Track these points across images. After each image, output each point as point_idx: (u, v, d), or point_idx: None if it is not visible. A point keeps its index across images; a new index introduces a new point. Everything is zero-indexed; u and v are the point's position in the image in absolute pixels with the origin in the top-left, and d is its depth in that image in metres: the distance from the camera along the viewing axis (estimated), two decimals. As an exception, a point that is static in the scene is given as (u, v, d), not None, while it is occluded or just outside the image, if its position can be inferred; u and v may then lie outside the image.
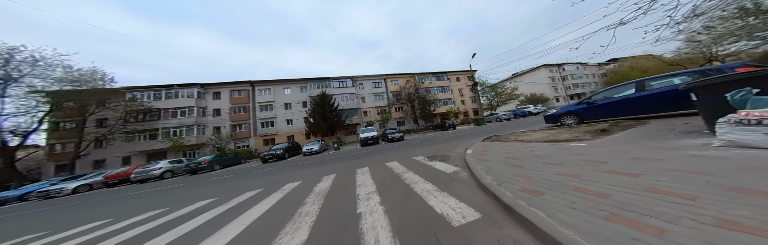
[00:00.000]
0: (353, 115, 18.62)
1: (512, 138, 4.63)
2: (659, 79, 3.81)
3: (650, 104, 3.85)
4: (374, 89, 20.82)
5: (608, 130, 3.51)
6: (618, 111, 4.34)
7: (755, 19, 3.27)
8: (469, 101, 23.98)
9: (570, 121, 5.17)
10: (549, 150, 2.74)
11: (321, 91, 15.86)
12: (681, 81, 3.56)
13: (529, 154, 2.73)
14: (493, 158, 2.92)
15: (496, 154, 3.15)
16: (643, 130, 3.09)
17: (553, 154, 2.47)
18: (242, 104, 17.06)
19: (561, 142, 3.20)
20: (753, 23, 3.28)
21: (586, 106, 4.78)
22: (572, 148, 2.63)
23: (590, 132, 3.58)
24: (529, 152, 2.89)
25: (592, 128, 3.96)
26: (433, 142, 7.18)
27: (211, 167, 9.36)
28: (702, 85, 2.11)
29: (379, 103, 20.48)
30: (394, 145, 8.60)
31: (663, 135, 2.58)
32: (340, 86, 18.65)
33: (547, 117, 5.74)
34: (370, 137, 11.03)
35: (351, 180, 3.04)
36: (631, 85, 4.10)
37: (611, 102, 4.36)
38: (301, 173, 4.75)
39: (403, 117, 20.66)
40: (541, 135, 4.25)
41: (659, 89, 3.70)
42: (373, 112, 20.29)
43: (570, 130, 4.16)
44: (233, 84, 17.07)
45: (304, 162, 7.23)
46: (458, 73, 23.93)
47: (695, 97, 2.32)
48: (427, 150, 5.09)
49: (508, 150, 3.30)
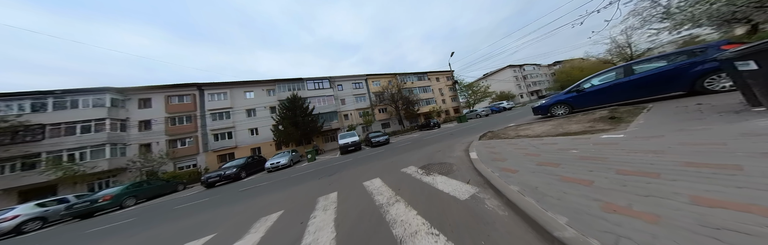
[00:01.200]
0: (332, 120, 16.79)
1: (512, 133, 3.93)
2: (644, 63, 3.60)
3: (640, 88, 3.66)
4: (355, 90, 19.46)
5: (618, 117, 3.01)
6: (609, 97, 4.08)
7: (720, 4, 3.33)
8: (449, 100, 24.67)
9: (561, 111, 4.82)
10: (584, 147, 2.00)
11: (291, 94, 13.74)
12: (668, 62, 3.36)
13: (565, 155, 1.91)
14: (516, 164, 2.00)
15: (515, 157, 2.24)
16: (662, 115, 2.64)
17: (600, 153, 1.71)
18: (185, 113, 13.28)
19: (583, 135, 2.51)
20: (717, 7, 3.34)
21: (576, 94, 4.45)
22: (614, 142, 1.92)
23: (601, 121, 3.04)
24: (557, 151, 2.08)
25: (594, 116, 3.51)
26: (423, 144, 6.24)
27: (120, 203, 6.47)
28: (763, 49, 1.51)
29: (360, 105, 19.14)
30: (379, 151, 7.38)
31: (702, 118, 2.05)
32: (315, 88, 16.73)
33: (536, 108, 5.36)
34: (350, 143, 9.57)
35: (298, 231, 1.68)
36: (619, 70, 3.84)
37: (601, 88, 4.09)
38: (238, 208, 3.13)
39: (388, 118, 19.70)
40: (544, 128, 3.62)
41: (647, 73, 3.51)
42: (354, 115, 18.79)
43: (571, 121, 3.64)
44: (170, 87, 13.04)
45: (260, 184, 5.40)
46: (437, 73, 24.59)
47: (756, 65, 1.71)
48: (418, 156, 4.04)
49: (525, 150, 2.45)
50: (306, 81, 16.49)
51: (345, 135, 10.60)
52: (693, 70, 3.13)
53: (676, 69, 3.26)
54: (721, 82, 3.00)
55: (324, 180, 3.89)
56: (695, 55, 3.16)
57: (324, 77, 17.10)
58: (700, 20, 4.18)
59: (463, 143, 4.48)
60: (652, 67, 3.51)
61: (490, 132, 4.81)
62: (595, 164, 1.52)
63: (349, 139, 9.87)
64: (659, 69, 3.41)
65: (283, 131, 12.42)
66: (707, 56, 3.03)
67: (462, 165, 2.67)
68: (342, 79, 19.02)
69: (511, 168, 1.93)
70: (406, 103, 18.12)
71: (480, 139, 4.12)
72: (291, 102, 13.21)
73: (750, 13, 3.92)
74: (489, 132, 4.83)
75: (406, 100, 18.07)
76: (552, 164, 1.75)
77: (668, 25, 5.76)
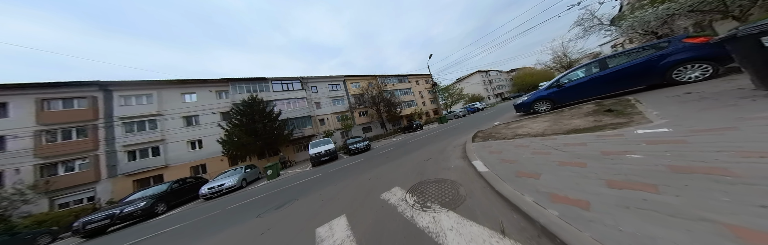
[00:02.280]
0: (305, 125, 14.67)
1: (507, 132, 3.40)
2: (617, 57, 3.60)
3: (615, 82, 3.64)
4: (332, 92, 17.77)
5: (618, 110, 2.70)
6: (588, 91, 4.04)
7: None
8: (428, 102, 25.32)
9: (543, 108, 4.67)
10: (638, 148, 1.36)
11: (250, 96, 11.28)
12: (638, 56, 3.44)
13: (630, 162, 1.24)
14: (561, 181, 1.27)
15: (545, 167, 1.56)
16: (669, 104, 2.36)
17: (688, 157, 1.06)
18: (77, 123, 9.12)
19: (602, 131, 2.04)
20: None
21: (557, 89, 4.31)
22: (678, 140, 1.33)
23: (601, 115, 2.71)
24: (604, 156, 1.43)
25: (585, 110, 3.25)
26: (409, 149, 5.37)
27: None
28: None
29: (338, 108, 17.51)
30: (357, 160, 6.19)
31: (735, 104, 1.71)
32: (283, 89, 14.40)
33: (519, 105, 5.16)
34: (323, 152, 8.04)
35: None
36: (594, 64, 3.82)
37: (580, 83, 4.03)
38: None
39: (369, 122, 18.56)
40: (540, 125, 3.19)
41: (621, 66, 3.49)
42: (332, 120, 17.02)
43: (563, 116, 3.33)
44: (48, 87, 8.88)
45: (166, 230, 3.49)
46: (417, 76, 25.20)
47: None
48: (405, 169, 3.10)
49: (548, 154, 1.81)
50: (271, 81, 14.10)
51: (317, 143, 8.98)
52: (663, 63, 3.13)
53: (647, 62, 3.27)
54: (688, 73, 3.04)
55: (262, 220, 2.48)
56: (662, 48, 3.20)
57: (294, 77, 15.02)
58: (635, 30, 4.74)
59: (456, 146, 3.76)
60: (624, 60, 3.51)
61: (480, 132, 4.25)
62: (724, 183, 0.78)
63: (322, 148, 8.33)
64: (631, 62, 3.41)
65: (235, 142, 9.88)
66: (672, 49, 3.07)
67: (470, 183, 1.80)
68: (316, 80, 17.22)
69: (561, 191, 1.11)
70: (388, 105, 17.43)
71: (474, 141, 3.46)
72: (248, 106, 10.82)
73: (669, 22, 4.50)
74: (479, 132, 4.26)
75: (387, 102, 17.40)
76: (634, 184, 0.99)
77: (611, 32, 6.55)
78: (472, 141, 3.55)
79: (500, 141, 2.97)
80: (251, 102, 10.91)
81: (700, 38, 2.96)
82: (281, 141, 11.40)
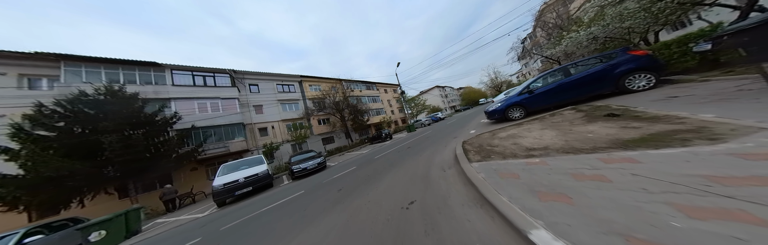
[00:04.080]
0: (235, 137, 10.34)
1: (508, 145, 2.47)
2: (578, 65, 3.66)
3: (578, 88, 3.66)
4: (282, 94, 14.18)
5: (619, 115, 2.21)
6: (556, 97, 4.01)
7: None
8: (397, 111, 25.53)
9: (517, 114, 4.36)
10: None
11: (104, 85, 6.31)
12: (597, 61, 3.53)
13: None
14: None
15: None
16: (709, 105, 1.89)
17: None
18: None
19: (672, 146, 1.09)
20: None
21: (529, 95, 4.07)
22: None
23: (606, 121, 2.11)
24: None
25: (575, 115, 2.80)
26: (376, 171, 3.75)
27: None
28: None
29: (290, 115, 13.97)
30: (294, 193, 3.98)
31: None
32: (196, 84, 9.74)
33: (492, 112, 4.78)
34: (242, 181, 5.02)
35: None
36: (560, 72, 3.84)
37: (549, 89, 3.96)
38: None
39: (331, 131, 15.76)
40: (548, 134, 2.45)
41: (584, 73, 3.55)
42: (280, 128, 13.19)
43: (560, 122, 2.79)
44: None
45: None
46: (385, 85, 25.34)
47: None
48: (372, 231, 1.37)
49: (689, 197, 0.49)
50: (171, 70, 9.31)
51: (234, 166, 5.83)
52: (616, 71, 3.21)
53: (603, 70, 3.34)
54: (637, 82, 3.18)
55: None
56: (611, 58, 3.34)
57: (218, 69, 10.88)
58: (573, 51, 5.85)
59: (444, 167, 2.46)
60: (583, 69, 3.59)
61: (467, 144, 3.21)
62: None
63: (241, 174, 5.32)
64: (591, 70, 3.46)
65: (30, 170, 4.93)
66: (620, 59, 3.22)
67: None
68: (259, 77, 13.33)
69: None
70: (354, 112, 15.53)
71: (470, 158, 2.28)
72: (93, 104, 6.04)
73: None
74: (466, 145, 3.21)
75: (353, 109, 15.55)
76: None
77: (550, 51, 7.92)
78: (466, 158, 2.35)
79: (511, 160, 1.87)
80: (106, 93, 6.14)
81: (641, 51, 3.20)
82: (174, 162, 7.01)
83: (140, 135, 5.87)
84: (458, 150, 2.88)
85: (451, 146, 3.85)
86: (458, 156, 2.58)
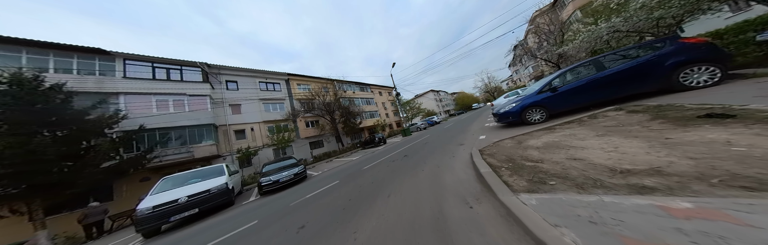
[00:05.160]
0: (202, 140, 8.79)
1: (564, 159, 1.57)
2: (612, 56, 2.97)
3: (619, 83, 2.91)
4: (265, 93, 12.76)
5: (736, 116, 1.43)
6: (586, 96, 3.20)
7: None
8: (392, 114, 24.69)
9: (537, 117, 3.60)
10: None
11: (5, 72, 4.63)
12: (639, 52, 2.82)
13: None
14: None
15: None
16: None
17: None
18: None
19: None
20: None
21: (551, 94, 3.33)
22: None
23: (739, 126, 1.32)
24: None
25: (639, 118, 2.00)
26: (362, 196, 2.74)
27: None
28: None
29: (272, 116, 12.55)
30: (242, 226, 2.82)
31: None
32: (156, 78, 8.21)
33: (504, 114, 4.01)
34: (185, 203, 3.64)
35: None
36: (589, 65, 3.19)
37: (578, 86, 3.24)
38: None
39: (320, 134, 14.41)
40: (629, 145, 1.60)
41: (624, 65, 2.83)
42: (262, 131, 11.73)
43: (624, 129, 2.04)
44: None
45: None
46: (380, 87, 24.59)
47: None
48: None
49: None
50: (121, 59, 7.65)
51: (177, 181, 4.52)
52: (669, 63, 2.54)
53: (650, 61, 2.67)
54: (696, 77, 2.51)
55: None
56: (658, 48, 2.69)
57: (188, 61, 9.45)
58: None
59: (465, 196, 1.53)
60: (622, 60, 2.90)
61: (488, 156, 2.31)
62: None
63: (180, 193, 4.00)
64: (631, 63, 2.82)
65: None
66: (673, 48, 2.57)
67: None
68: (238, 73, 11.88)
69: None
70: (345, 114, 14.40)
71: (519, 192, 1.34)
72: None
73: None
74: (487, 156, 2.32)
75: (346, 110, 14.44)
76: None
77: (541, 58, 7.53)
78: (501, 182, 1.42)
79: (604, 196, 0.96)
80: (11, 82, 4.59)
81: (697, 39, 2.57)
82: (105, 173, 5.43)
83: (48, 139, 4.35)
84: (480, 164, 1.95)
85: (461, 156, 2.95)
86: (485, 176, 1.65)
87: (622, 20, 3.88)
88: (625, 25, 3.93)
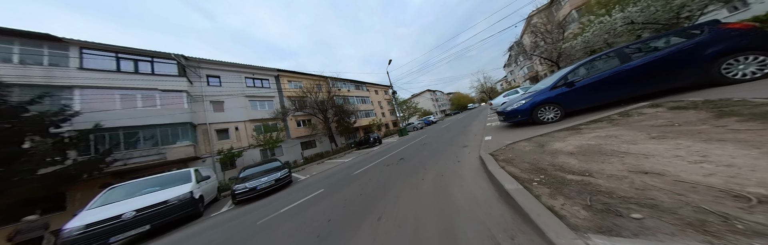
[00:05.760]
0: (176, 141, 7.89)
1: (626, 171, 1.07)
2: (640, 44, 2.63)
3: (649, 76, 2.51)
4: (252, 90, 11.83)
5: None
6: (610, 91, 2.77)
7: None
8: (388, 113, 24.16)
9: (550, 115, 3.22)
10: None
11: None
12: (671, 40, 2.45)
13: None
14: None
15: None
16: None
17: None
18: None
19: None
20: None
21: (567, 89, 2.93)
22: None
23: None
24: None
25: (696, 115, 1.58)
26: (346, 219, 2.19)
27: None
28: None
29: (260, 114, 11.69)
30: None
31: None
32: (125, 70, 7.22)
33: (512, 112, 3.61)
34: (131, 220, 2.95)
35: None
36: (611, 56, 2.81)
37: (600, 79, 2.86)
38: None
39: (312, 134, 13.65)
40: (719, 153, 1.14)
41: (657, 54, 2.42)
42: (248, 130, 10.87)
43: (685, 130, 1.65)
44: None
45: None
46: (376, 86, 23.95)
47: None
48: None
49: None
50: (77, 47, 6.63)
51: (127, 191, 3.83)
52: (707, 53, 2.16)
53: (687, 50, 2.29)
54: (741, 68, 2.15)
55: None
56: (693, 35, 2.32)
57: (161, 53, 8.46)
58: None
59: (493, 232, 0.97)
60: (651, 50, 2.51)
61: (506, 164, 1.86)
62: None
63: (126, 207, 3.30)
64: (663, 52, 2.43)
65: None
66: (713, 35, 2.20)
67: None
68: (221, 68, 10.93)
69: None
70: (339, 113, 13.71)
71: (584, 230, 0.86)
72: None
73: None
74: (506, 164, 1.86)
75: (340, 109, 13.74)
76: None
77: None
78: (545, 207, 0.92)
79: None
80: None
81: (742, 23, 2.21)
82: (43, 180, 4.55)
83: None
84: (499, 175, 1.46)
85: (469, 161, 2.48)
86: (514, 195, 1.16)
87: (638, 10, 3.55)
88: (642, 15, 3.60)
